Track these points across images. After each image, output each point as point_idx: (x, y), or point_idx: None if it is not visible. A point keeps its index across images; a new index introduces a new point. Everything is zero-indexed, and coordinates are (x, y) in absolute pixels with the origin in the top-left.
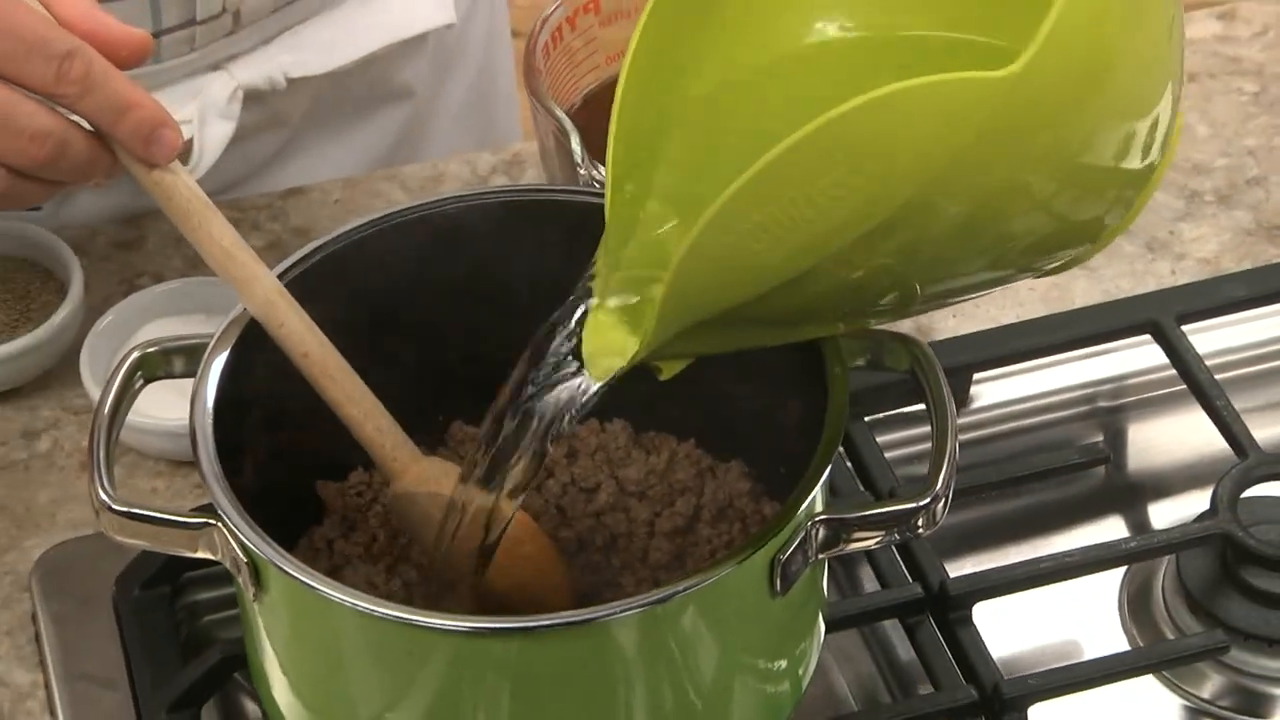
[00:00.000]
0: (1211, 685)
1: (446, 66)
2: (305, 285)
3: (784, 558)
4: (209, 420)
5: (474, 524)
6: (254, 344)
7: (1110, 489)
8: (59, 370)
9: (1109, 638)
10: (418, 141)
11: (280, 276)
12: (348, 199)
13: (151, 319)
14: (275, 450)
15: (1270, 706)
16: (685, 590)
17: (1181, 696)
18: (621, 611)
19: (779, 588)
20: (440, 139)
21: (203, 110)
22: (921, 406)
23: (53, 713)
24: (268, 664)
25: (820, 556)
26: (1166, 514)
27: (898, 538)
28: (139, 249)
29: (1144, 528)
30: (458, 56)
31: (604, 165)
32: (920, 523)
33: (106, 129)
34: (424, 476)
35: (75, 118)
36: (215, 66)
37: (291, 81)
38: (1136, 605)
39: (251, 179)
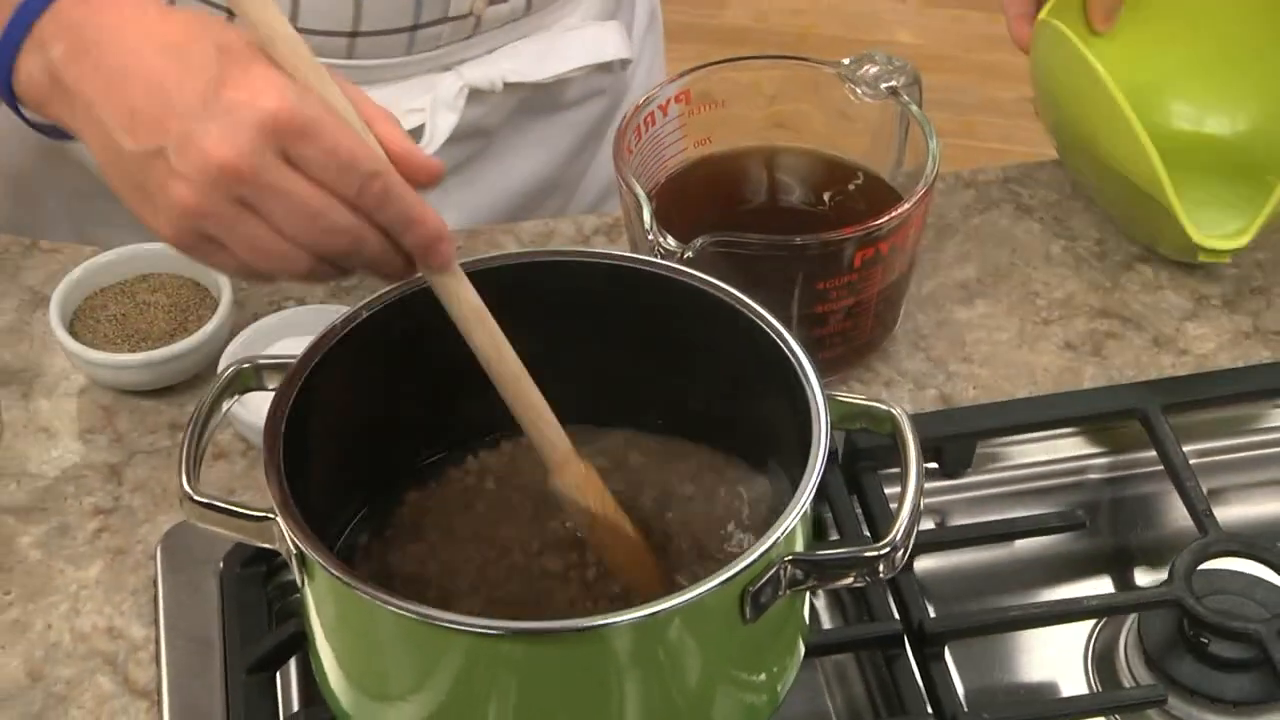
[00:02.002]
0: None
1: (622, 91)
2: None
3: (754, 590)
4: (281, 430)
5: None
6: (328, 366)
7: (1092, 552)
8: (205, 374)
9: (1074, 685)
10: (596, 153)
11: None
12: (468, 247)
13: (282, 336)
14: (339, 456)
15: None
16: (666, 609)
17: None
18: (613, 622)
19: (749, 615)
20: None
21: (434, 102)
22: (931, 466)
23: (158, 663)
24: (316, 640)
25: (788, 591)
26: (1141, 578)
27: (866, 580)
28: None
29: (1128, 585)
30: (629, 86)
31: (673, 236)
32: (881, 568)
33: (396, 237)
34: (574, 480)
35: None
36: (448, 68)
37: (507, 85)
38: (1101, 658)
39: (451, 176)
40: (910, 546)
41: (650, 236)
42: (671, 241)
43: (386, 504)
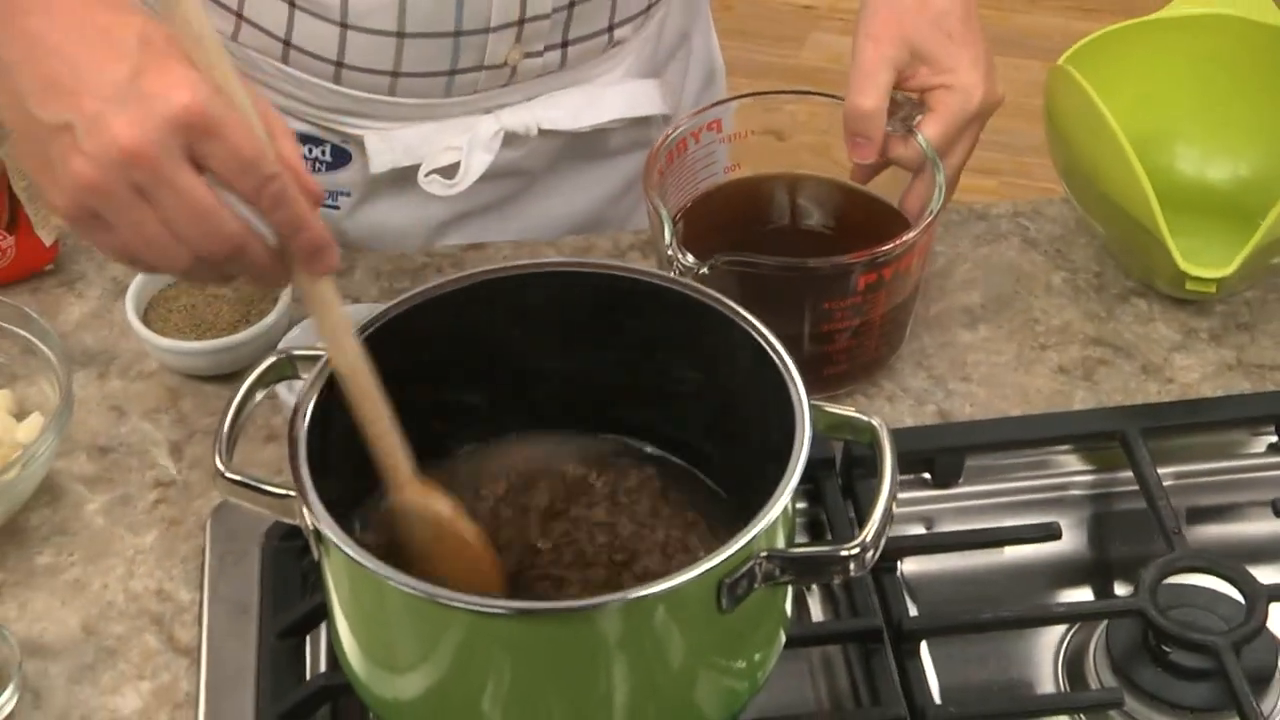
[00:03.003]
0: None
1: None
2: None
3: (730, 581)
4: (307, 415)
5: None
6: None
7: (1073, 562)
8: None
9: (1045, 687)
10: (636, 199)
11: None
12: (513, 256)
13: None
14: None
15: None
16: (648, 595)
17: None
18: (599, 603)
19: (725, 605)
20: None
21: (471, 142)
22: (922, 475)
23: (200, 625)
24: (334, 611)
25: (763, 585)
26: (1119, 589)
27: (839, 577)
28: (348, 277)
29: (1106, 595)
30: None
31: (693, 254)
32: (852, 566)
33: (285, 239)
34: (416, 496)
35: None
36: (487, 111)
37: (542, 132)
38: (1071, 663)
39: (491, 211)
40: (880, 548)
41: (670, 253)
42: (689, 259)
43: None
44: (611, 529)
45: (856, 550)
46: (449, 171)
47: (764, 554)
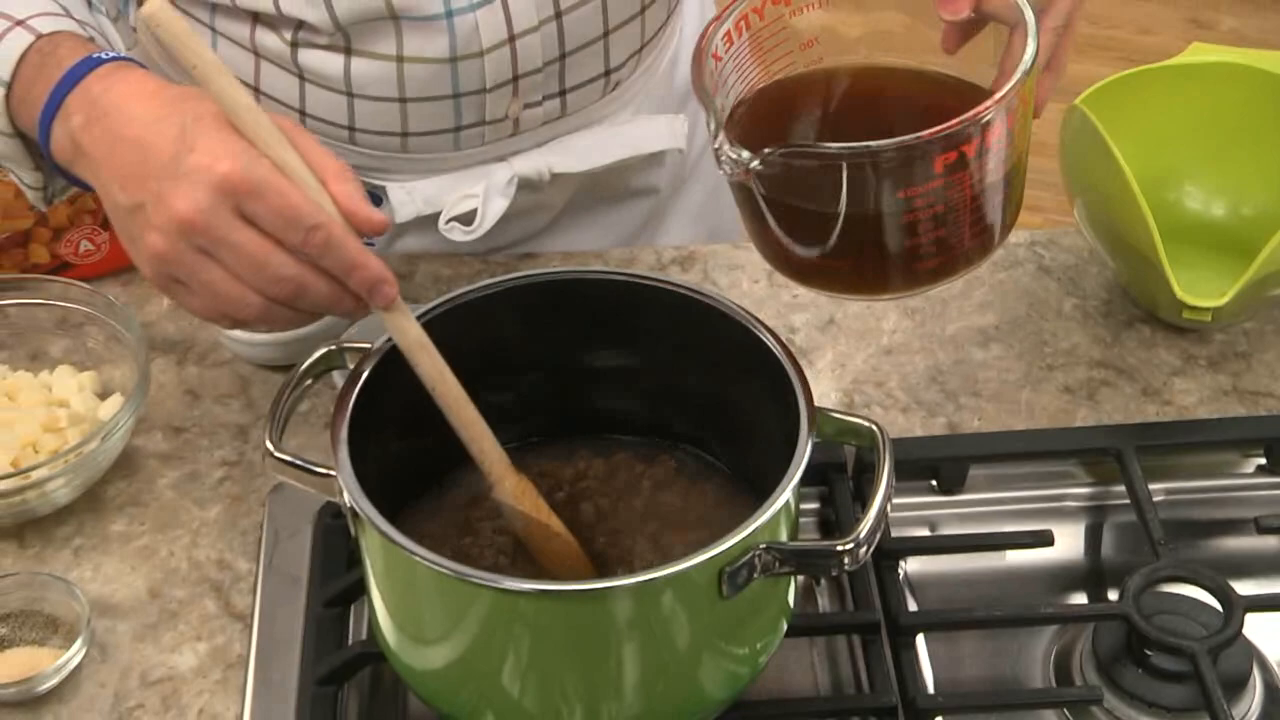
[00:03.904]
0: None
1: (685, 176)
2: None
3: (731, 570)
4: (351, 402)
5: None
6: (397, 353)
7: (1070, 568)
8: None
9: (1034, 684)
10: (657, 229)
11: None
12: (562, 264)
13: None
14: (404, 429)
15: None
16: (654, 579)
17: None
18: (610, 586)
19: (727, 592)
20: (677, 229)
21: (487, 189)
22: (923, 482)
23: (254, 593)
24: (369, 584)
25: (762, 575)
26: (1112, 594)
27: (836, 571)
28: (409, 280)
29: (1098, 599)
30: (696, 169)
31: (746, 149)
32: (846, 561)
33: (341, 281)
34: (511, 491)
35: None
36: (500, 159)
37: (555, 176)
38: (1060, 662)
39: (516, 248)
40: (874, 544)
41: (717, 146)
42: (743, 153)
43: (444, 473)
44: (646, 517)
45: (850, 546)
46: (468, 218)
47: (763, 546)
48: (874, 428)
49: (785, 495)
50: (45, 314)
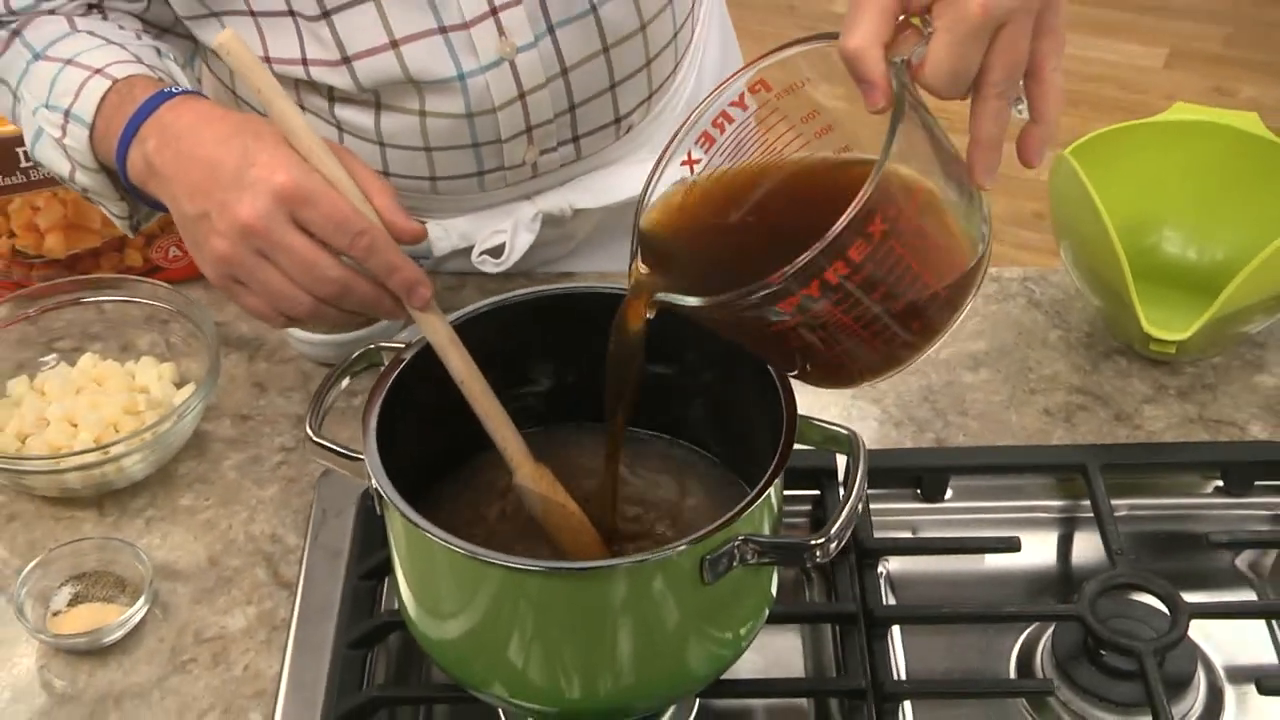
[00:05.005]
0: None
1: None
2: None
3: (711, 558)
4: (382, 395)
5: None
6: (427, 353)
7: (1042, 572)
8: None
9: (998, 676)
10: None
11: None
12: (598, 282)
13: None
14: (431, 421)
15: None
16: (642, 561)
17: None
18: (604, 565)
19: (708, 579)
20: None
21: (514, 225)
22: (908, 490)
23: (300, 564)
24: (394, 562)
25: (740, 564)
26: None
27: (810, 563)
28: (458, 291)
29: (1064, 602)
30: None
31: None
32: (818, 554)
33: (382, 282)
34: (530, 476)
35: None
36: (525, 197)
37: (577, 211)
38: (1023, 657)
39: (548, 268)
40: (844, 540)
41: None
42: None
43: (464, 462)
44: (657, 508)
45: (821, 540)
46: (497, 251)
47: (742, 538)
48: (851, 435)
49: (766, 493)
50: (136, 311)
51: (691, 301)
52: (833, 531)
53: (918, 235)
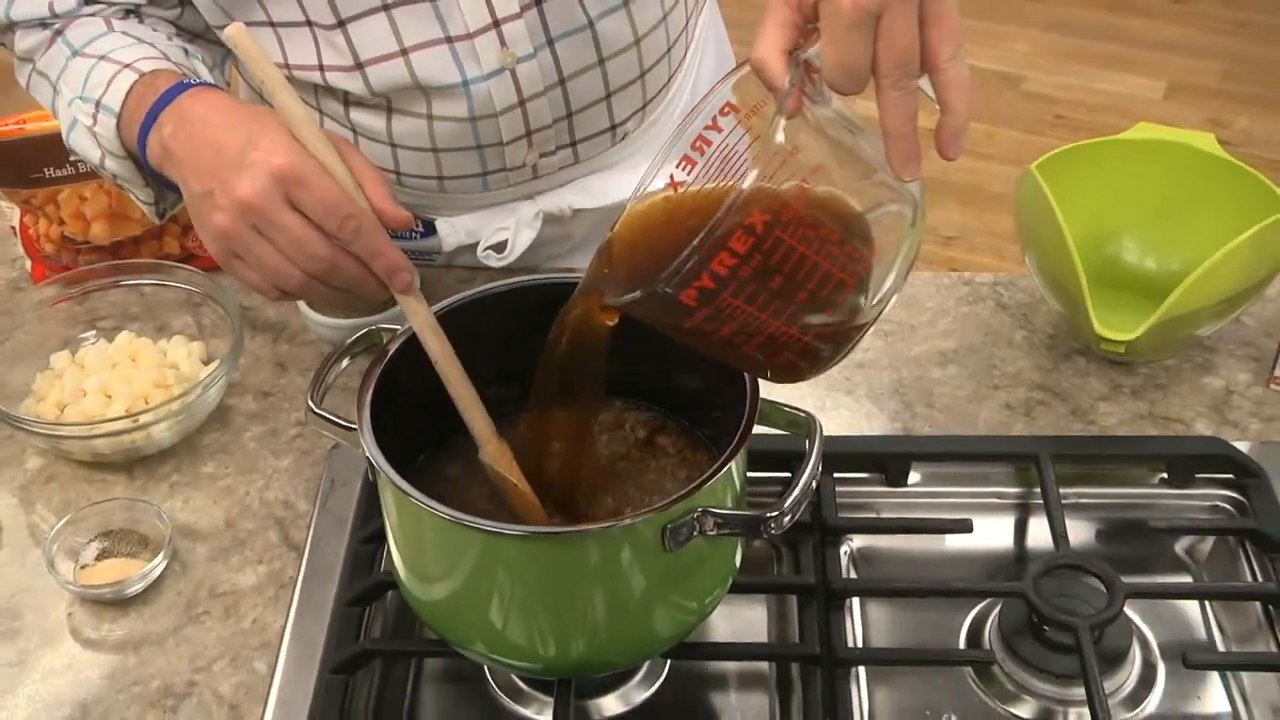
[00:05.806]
0: (1003, 692)
1: None
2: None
3: (672, 527)
4: (378, 373)
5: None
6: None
7: (997, 553)
8: None
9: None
10: None
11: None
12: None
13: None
14: (422, 397)
15: (1042, 711)
16: (609, 527)
17: (988, 697)
18: (573, 530)
19: (669, 547)
20: None
21: (517, 222)
22: (874, 474)
23: (309, 529)
24: (388, 528)
25: (701, 534)
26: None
27: (765, 535)
28: (469, 284)
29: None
30: None
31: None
32: (773, 526)
33: (366, 264)
34: (492, 454)
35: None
36: (527, 197)
37: (576, 211)
38: (972, 631)
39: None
40: (797, 514)
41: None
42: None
43: (450, 436)
44: (637, 479)
45: (775, 514)
46: (501, 247)
47: (700, 510)
48: (809, 417)
49: (726, 469)
50: (171, 294)
51: (626, 298)
52: (786, 505)
53: (810, 226)
